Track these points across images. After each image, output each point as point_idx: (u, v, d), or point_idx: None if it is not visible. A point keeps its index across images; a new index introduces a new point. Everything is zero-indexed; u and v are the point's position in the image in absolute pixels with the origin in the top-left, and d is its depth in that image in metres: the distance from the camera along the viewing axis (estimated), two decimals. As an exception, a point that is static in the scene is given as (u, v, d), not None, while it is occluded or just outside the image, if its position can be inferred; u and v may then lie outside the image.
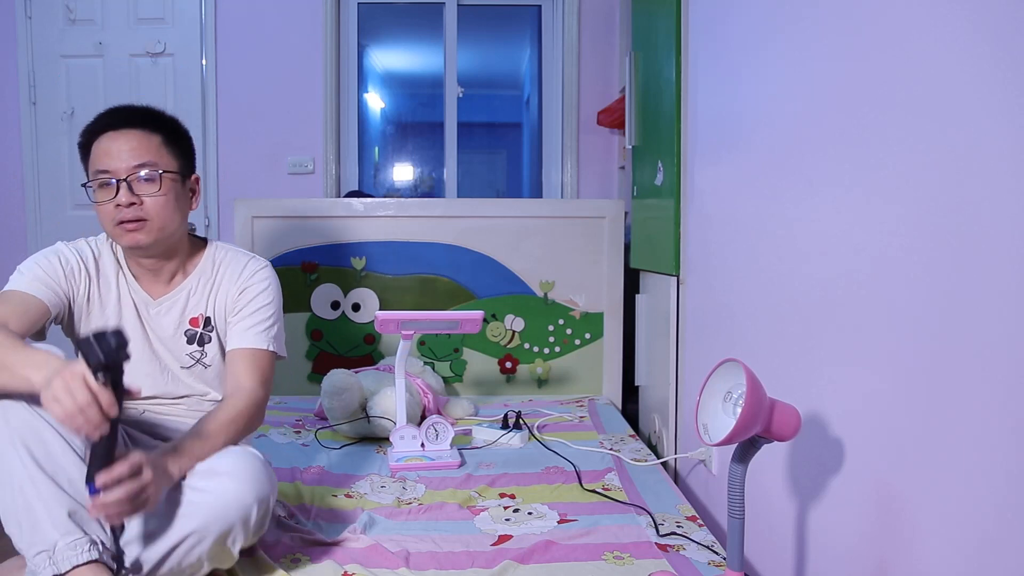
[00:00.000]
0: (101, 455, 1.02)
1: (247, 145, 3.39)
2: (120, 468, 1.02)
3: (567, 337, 2.73)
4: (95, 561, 1.04)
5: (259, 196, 3.12)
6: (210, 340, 1.45)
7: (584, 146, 3.48)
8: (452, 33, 3.53)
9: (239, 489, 1.16)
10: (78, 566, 1.03)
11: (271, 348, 1.44)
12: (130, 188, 1.32)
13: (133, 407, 1.42)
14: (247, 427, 1.33)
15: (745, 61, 1.55)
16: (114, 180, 1.32)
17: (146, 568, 1.13)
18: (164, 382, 1.42)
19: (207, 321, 1.45)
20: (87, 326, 1.39)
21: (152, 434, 1.39)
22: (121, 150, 1.33)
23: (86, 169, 1.39)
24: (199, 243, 1.50)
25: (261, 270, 1.48)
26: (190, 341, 1.43)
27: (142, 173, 1.33)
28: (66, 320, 1.39)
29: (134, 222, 1.33)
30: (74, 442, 1.11)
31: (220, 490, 1.16)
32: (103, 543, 1.06)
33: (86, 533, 1.05)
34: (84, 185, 1.38)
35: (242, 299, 1.44)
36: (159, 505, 1.12)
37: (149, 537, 1.14)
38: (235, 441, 1.29)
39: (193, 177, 1.46)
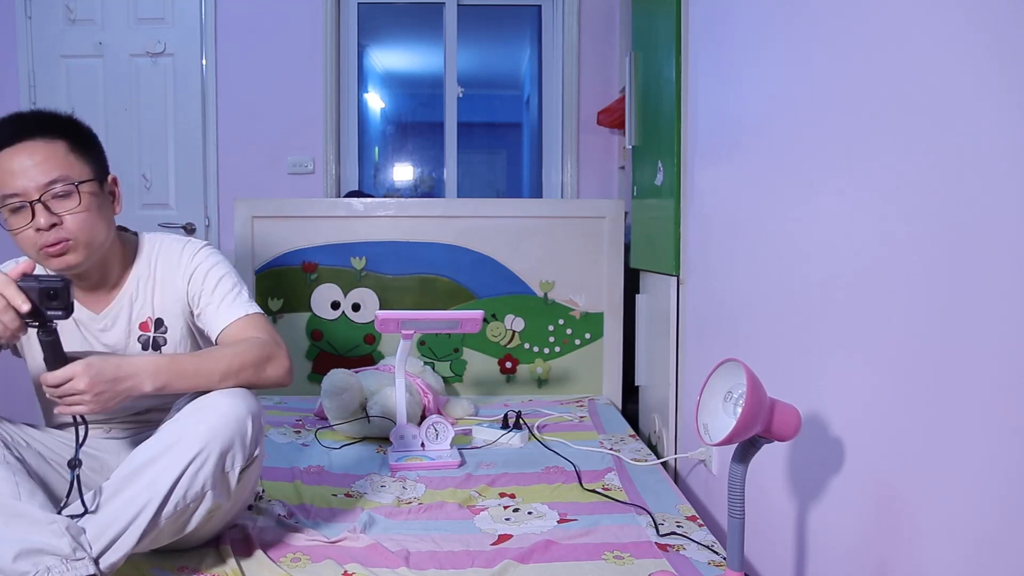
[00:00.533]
0: (49, 359, 1.08)
1: (247, 145, 3.38)
2: (54, 376, 1.08)
3: (567, 337, 2.73)
4: None
5: (259, 196, 3.12)
6: (166, 342, 1.37)
7: (584, 146, 3.48)
8: (452, 33, 3.53)
9: (231, 403, 1.17)
10: None
11: (254, 310, 1.35)
12: (47, 208, 1.20)
13: (99, 427, 1.39)
14: (256, 363, 1.25)
15: (745, 61, 1.55)
16: (27, 203, 1.20)
17: (156, 502, 1.10)
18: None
19: (158, 322, 1.37)
20: (29, 349, 1.35)
21: (118, 455, 1.35)
22: (26, 167, 1.19)
23: None
24: (132, 241, 1.40)
25: (199, 251, 1.39)
26: (145, 347, 1.36)
27: (56, 189, 1.21)
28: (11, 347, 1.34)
29: (58, 244, 1.22)
30: (7, 480, 1.07)
31: (213, 408, 1.16)
32: (64, 560, 1.03)
33: (38, 565, 1.01)
34: None
35: (194, 286, 1.36)
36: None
37: (153, 470, 1.12)
38: (237, 376, 1.22)
39: (110, 179, 1.34)
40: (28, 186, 1.20)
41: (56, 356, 1.09)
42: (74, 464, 1.12)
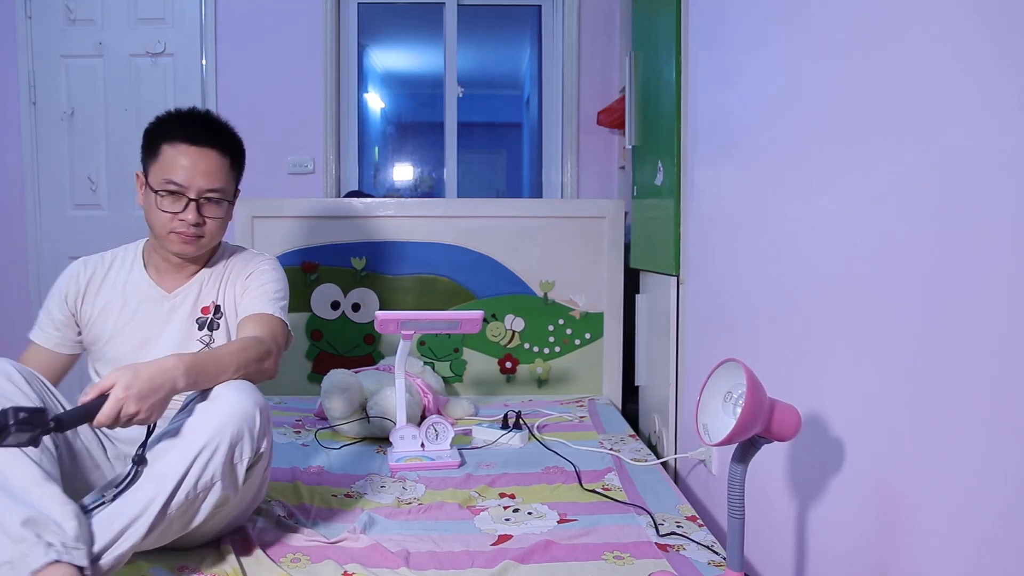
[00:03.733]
0: (85, 418, 1.06)
1: (247, 145, 3.31)
2: (106, 416, 1.06)
3: (567, 337, 2.73)
4: (55, 562, 1.01)
5: (259, 196, 3.12)
6: (218, 327, 1.52)
7: (584, 146, 3.48)
8: (452, 33, 3.53)
9: (238, 397, 1.21)
10: (37, 571, 1.00)
11: (277, 314, 1.49)
12: (198, 208, 1.42)
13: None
14: (257, 360, 1.33)
15: (745, 61, 1.55)
16: (184, 196, 1.41)
17: (165, 493, 1.12)
18: None
19: (216, 308, 1.53)
20: (102, 329, 1.49)
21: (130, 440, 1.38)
22: (198, 169, 1.41)
23: (146, 164, 1.44)
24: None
25: (267, 260, 1.59)
26: (201, 327, 1.51)
27: (212, 196, 1.43)
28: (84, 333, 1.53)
29: (191, 236, 1.44)
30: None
31: (222, 400, 1.20)
32: (64, 543, 1.02)
33: (41, 537, 1.02)
34: (147, 184, 1.43)
35: (250, 281, 1.53)
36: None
37: (162, 463, 1.14)
38: (245, 370, 1.30)
39: (236, 194, 1.55)
40: (192, 184, 1.41)
41: (89, 413, 1.07)
42: (139, 459, 1.15)
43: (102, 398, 1.08)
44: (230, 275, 1.55)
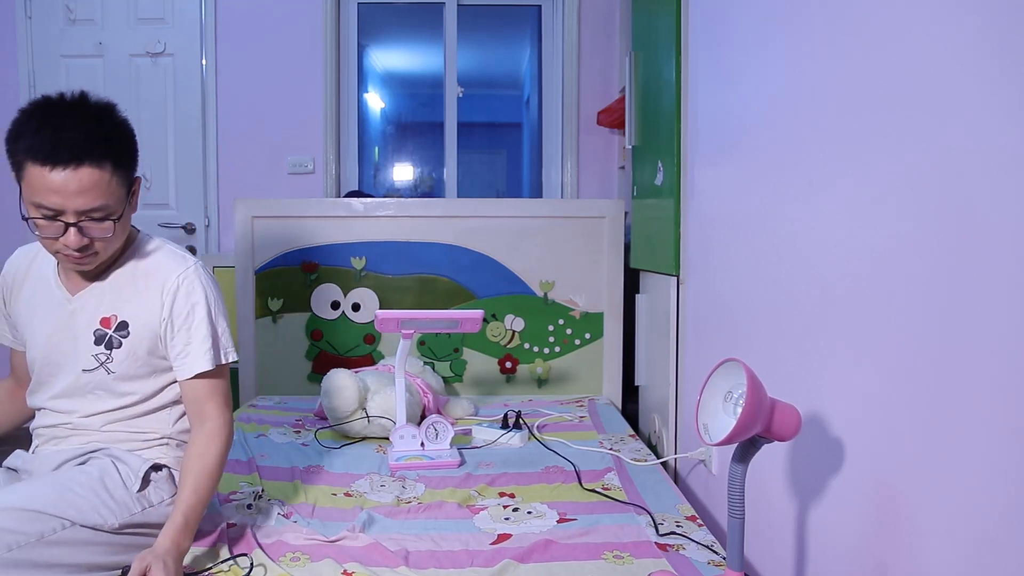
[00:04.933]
0: None
1: (247, 145, 3.39)
2: None
3: (567, 337, 2.73)
4: None
5: (259, 196, 3.12)
6: (120, 345, 1.33)
7: (584, 146, 3.49)
8: (452, 33, 3.53)
9: None
10: None
11: (220, 363, 1.37)
12: (80, 231, 1.20)
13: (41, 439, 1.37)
14: (226, 453, 1.36)
15: (745, 61, 1.55)
16: (62, 221, 1.19)
17: None
18: (65, 383, 1.35)
19: (121, 324, 1.33)
20: (24, 328, 1.39)
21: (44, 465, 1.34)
22: (70, 191, 1.16)
23: (17, 177, 1.20)
24: (129, 239, 1.37)
25: (185, 280, 1.35)
26: (97, 342, 1.33)
27: (95, 215, 1.20)
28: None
29: (82, 258, 1.24)
30: None
31: None
32: None
33: None
34: (24, 217, 1.21)
35: (175, 320, 1.34)
36: None
37: None
38: (219, 478, 1.34)
39: (136, 183, 1.31)
40: (67, 207, 1.18)
41: None
42: None
43: None
44: (141, 286, 1.34)
